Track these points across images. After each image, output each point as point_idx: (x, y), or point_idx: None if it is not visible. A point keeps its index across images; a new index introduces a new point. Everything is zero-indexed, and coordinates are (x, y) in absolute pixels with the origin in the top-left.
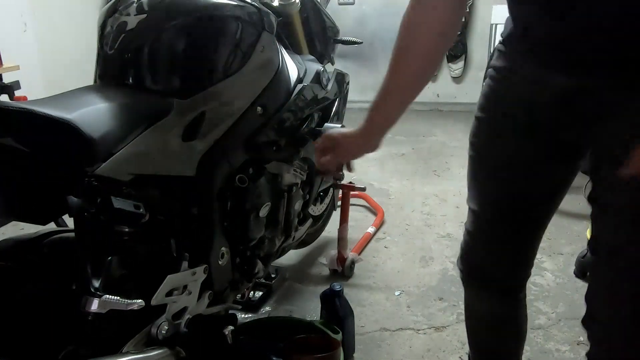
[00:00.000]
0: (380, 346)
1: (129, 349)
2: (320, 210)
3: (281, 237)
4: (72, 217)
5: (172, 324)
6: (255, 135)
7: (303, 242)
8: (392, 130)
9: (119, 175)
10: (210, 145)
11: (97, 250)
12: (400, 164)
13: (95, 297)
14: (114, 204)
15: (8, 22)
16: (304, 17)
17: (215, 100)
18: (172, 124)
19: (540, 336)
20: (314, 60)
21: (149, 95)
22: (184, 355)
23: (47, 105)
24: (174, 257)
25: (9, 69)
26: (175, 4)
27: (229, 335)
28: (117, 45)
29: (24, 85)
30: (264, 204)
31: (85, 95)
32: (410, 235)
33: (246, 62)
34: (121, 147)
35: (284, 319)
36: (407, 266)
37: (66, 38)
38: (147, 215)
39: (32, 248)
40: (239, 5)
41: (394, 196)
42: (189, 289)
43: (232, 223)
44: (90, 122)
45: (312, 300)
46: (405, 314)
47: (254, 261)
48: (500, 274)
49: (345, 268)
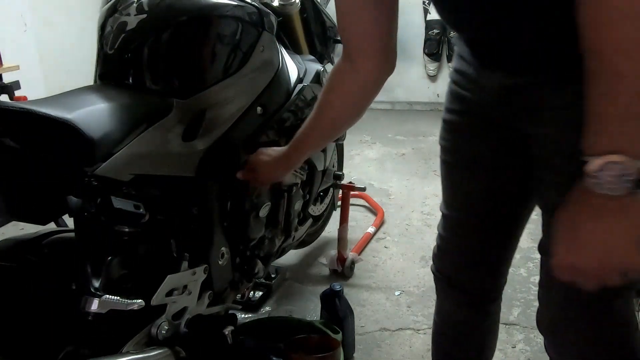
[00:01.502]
0: (380, 346)
1: (129, 349)
2: (320, 210)
3: (281, 237)
4: (72, 217)
5: (172, 324)
6: (255, 135)
7: (303, 242)
8: (392, 130)
9: (119, 175)
10: (210, 145)
11: (97, 250)
12: (400, 164)
13: (95, 297)
14: (114, 204)
15: (8, 22)
16: (304, 17)
17: (215, 100)
18: (172, 124)
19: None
20: (314, 60)
21: (149, 95)
22: (184, 355)
23: (47, 105)
24: (174, 257)
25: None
26: (175, 4)
27: (229, 335)
28: (117, 45)
29: (24, 85)
30: (264, 204)
31: (85, 95)
32: (410, 235)
33: (246, 62)
34: (121, 147)
35: (284, 319)
36: (407, 266)
37: (66, 38)
38: (147, 215)
39: (32, 248)
40: (239, 5)
41: (394, 196)
42: (189, 289)
43: (232, 223)
44: (90, 122)
45: (312, 300)
46: (405, 314)
47: (254, 261)
48: (468, 281)
49: (345, 268)
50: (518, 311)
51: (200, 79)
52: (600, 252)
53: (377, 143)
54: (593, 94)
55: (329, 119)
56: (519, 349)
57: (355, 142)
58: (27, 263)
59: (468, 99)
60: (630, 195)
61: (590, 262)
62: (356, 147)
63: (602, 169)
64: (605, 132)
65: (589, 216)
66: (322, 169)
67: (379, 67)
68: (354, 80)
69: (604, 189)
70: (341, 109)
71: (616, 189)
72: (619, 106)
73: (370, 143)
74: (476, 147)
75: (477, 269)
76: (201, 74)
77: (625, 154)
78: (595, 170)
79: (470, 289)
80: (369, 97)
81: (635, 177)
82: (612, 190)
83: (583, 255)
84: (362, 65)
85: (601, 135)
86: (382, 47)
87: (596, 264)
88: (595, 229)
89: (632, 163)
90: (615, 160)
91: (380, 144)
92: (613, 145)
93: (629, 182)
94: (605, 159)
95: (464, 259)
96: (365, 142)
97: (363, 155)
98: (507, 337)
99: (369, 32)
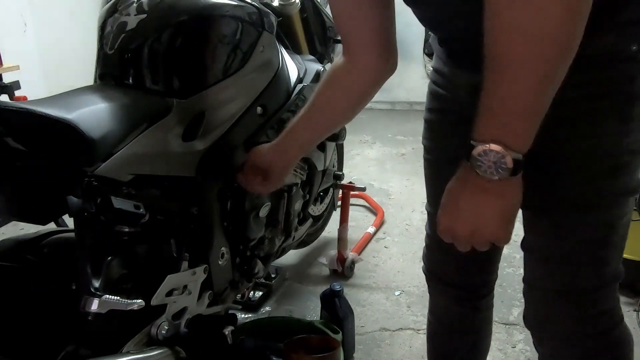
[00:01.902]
0: (380, 346)
1: (129, 349)
2: (320, 210)
3: (281, 237)
4: (72, 217)
5: (172, 324)
6: (255, 135)
7: (303, 242)
8: (392, 130)
9: (119, 175)
10: (210, 145)
11: (97, 250)
12: (400, 164)
13: (95, 297)
14: (114, 204)
15: (8, 22)
16: (304, 17)
17: (215, 100)
18: (172, 124)
19: None
20: (314, 60)
21: (149, 95)
22: (184, 355)
23: (47, 105)
24: (174, 257)
25: (9, 69)
26: (176, 4)
27: (229, 335)
28: (117, 45)
29: (24, 85)
30: (264, 204)
31: (85, 95)
32: (410, 235)
33: (246, 62)
34: (121, 147)
35: (284, 319)
36: (407, 266)
37: (66, 38)
38: (147, 215)
39: (32, 248)
40: (239, 5)
41: (394, 196)
42: (189, 289)
43: (232, 223)
44: (90, 122)
45: (312, 300)
46: (405, 314)
47: (254, 261)
48: (458, 279)
49: (345, 268)
50: (518, 311)
51: (200, 79)
52: (473, 223)
53: (377, 143)
54: (486, 91)
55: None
56: (519, 349)
57: (355, 142)
58: (27, 263)
59: (445, 97)
60: (504, 180)
61: (464, 230)
62: (356, 147)
63: (483, 154)
64: (490, 124)
65: (469, 192)
66: (322, 169)
67: (377, 65)
68: (352, 78)
69: (483, 172)
70: (335, 105)
71: (493, 174)
72: (503, 104)
73: (370, 143)
74: (454, 144)
75: (464, 266)
76: (201, 74)
77: (504, 145)
78: (478, 154)
79: (460, 286)
80: (365, 95)
81: (509, 166)
82: (490, 174)
83: (459, 222)
84: (360, 62)
85: (487, 126)
86: (380, 43)
87: (468, 232)
88: (472, 203)
89: (508, 153)
90: (494, 149)
91: (381, 144)
92: (495, 135)
93: (504, 169)
94: (486, 146)
95: (451, 257)
96: (365, 142)
97: (363, 155)
98: (507, 337)
99: (363, 28)
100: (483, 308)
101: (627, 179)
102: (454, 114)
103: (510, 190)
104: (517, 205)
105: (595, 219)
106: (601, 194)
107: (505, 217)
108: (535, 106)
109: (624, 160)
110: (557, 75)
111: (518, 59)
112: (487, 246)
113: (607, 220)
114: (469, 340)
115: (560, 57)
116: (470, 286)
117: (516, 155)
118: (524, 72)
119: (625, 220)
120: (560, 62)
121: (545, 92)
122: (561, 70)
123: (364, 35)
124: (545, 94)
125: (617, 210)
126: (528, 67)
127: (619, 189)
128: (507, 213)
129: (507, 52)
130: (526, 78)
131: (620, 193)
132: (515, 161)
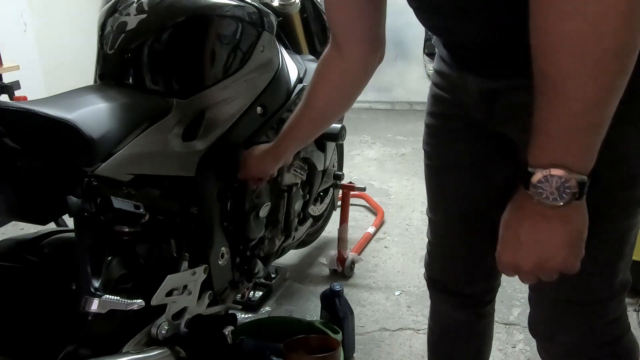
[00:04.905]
0: (380, 346)
1: (129, 349)
2: (320, 210)
3: (281, 237)
4: (72, 217)
5: (172, 324)
6: (255, 135)
7: (303, 242)
8: (392, 130)
9: (119, 175)
10: (210, 145)
11: (97, 250)
12: (400, 164)
13: (95, 297)
14: (114, 204)
15: (8, 22)
16: (304, 17)
17: (215, 100)
18: (172, 124)
19: None
20: (314, 60)
21: (149, 95)
22: (184, 355)
23: (47, 105)
24: (174, 257)
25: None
26: (176, 4)
27: (229, 335)
28: (117, 45)
29: (24, 85)
30: (264, 204)
31: (85, 95)
32: (410, 235)
33: (246, 62)
34: (121, 147)
35: (284, 319)
36: (407, 266)
37: (66, 38)
38: (147, 215)
39: (32, 248)
40: (239, 5)
41: (394, 196)
42: (189, 289)
43: (232, 223)
44: (90, 122)
45: (312, 300)
46: (405, 314)
47: (254, 261)
48: (461, 286)
49: (345, 268)
50: (518, 311)
51: (200, 79)
52: (537, 253)
53: (377, 143)
54: (539, 112)
55: (318, 108)
56: (519, 349)
57: (355, 142)
58: (27, 263)
59: (449, 101)
60: (568, 205)
61: (527, 262)
62: (356, 147)
63: (544, 180)
64: (548, 147)
65: (530, 221)
66: (322, 169)
67: (366, 56)
68: (342, 69)
69: (545, 198)
70: (330, 98)
71: (556, 199)
72: (562, 126)
73: (370, 143)
74: (458, 150)
75: (467, 273)
76: (201, 74)
77: (566, 168)
78: (538, 181)
79: (464, 294)
80: (357, 86)
81: (574, 190)
82: (553, 200)
83: (522, 255)
84: (349, 53)
85: (545, 150)
86: (370, 35)
87: (533, 263)
88: (534, 233)
89: (572, 176)
90: (556, 173)
91: (380, 144)
92: (555, 159)
93: (568, 194)
94: (547, 172)
95: (453, 265)
96: (365, 142)
97: (363, 155)
98: (507, 337)
99: (355, 20)
100: (487, 314)
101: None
102: (459, 119)
103: (576, 214)
104: (584, 229)
105: (610, 230)
106: (618, 204)
107: (574, 244)
108: (595, 122)
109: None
110: (618, 87)
111: (575, 76)
112: (556, 276)
113: (622, 231)
114: (473, 347)
115: (621, 68)
116: (475, 293)
117: (580, 177)
118: (582, 89)
119: (636, 230)
120: (621, 73)
121: (606, 106)
122: (622, 82)
123: (357, 30)
124: (607, 107)
125: (632, 220)
126: (587, 83)
127: (636, 199)
128: (575, 239)
129: (562, 71)
130: (585, 94)
131: (636, 203)
132: (579, 184)
